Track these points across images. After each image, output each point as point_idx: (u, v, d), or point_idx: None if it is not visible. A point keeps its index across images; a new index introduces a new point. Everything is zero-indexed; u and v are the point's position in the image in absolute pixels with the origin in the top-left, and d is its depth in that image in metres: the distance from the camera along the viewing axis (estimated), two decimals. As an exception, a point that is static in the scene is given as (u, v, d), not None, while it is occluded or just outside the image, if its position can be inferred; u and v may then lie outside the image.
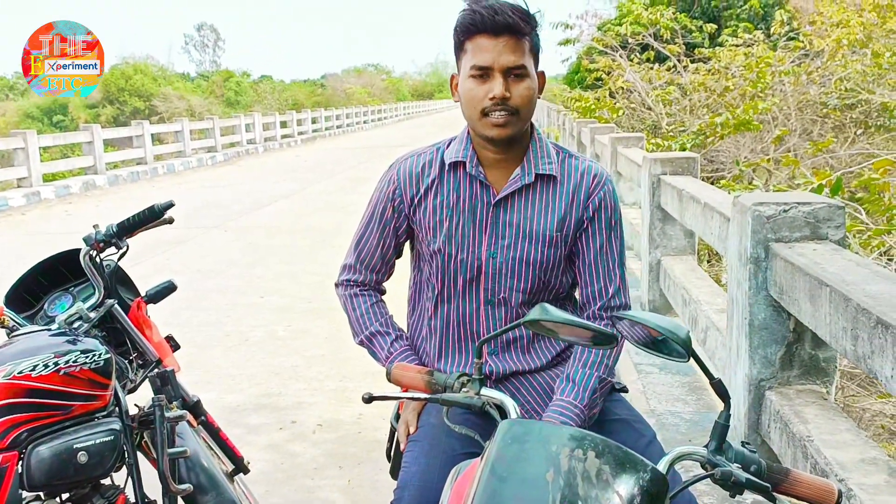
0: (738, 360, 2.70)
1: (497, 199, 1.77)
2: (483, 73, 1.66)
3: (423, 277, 1.90)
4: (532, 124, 1.80)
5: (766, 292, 2.55)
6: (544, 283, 1.81)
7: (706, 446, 1.25)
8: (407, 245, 1.95)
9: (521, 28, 1.65)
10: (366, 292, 1.93)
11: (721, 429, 1.25)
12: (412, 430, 1.76)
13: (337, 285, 1.97)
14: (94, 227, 2.17)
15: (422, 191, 1.82)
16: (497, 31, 1.64)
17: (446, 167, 1.80)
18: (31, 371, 1.79)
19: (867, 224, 4.46)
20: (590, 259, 1.80)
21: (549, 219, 1.77)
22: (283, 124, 28.55)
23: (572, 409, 1.70)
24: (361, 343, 1.91)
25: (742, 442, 1.28)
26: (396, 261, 1.96)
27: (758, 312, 2.56)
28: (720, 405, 1.27)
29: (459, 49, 1.72)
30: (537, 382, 1.85)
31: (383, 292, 1.98)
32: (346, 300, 1.94)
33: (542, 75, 1.75)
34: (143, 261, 7.66)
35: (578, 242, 1.80)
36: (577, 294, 1.91)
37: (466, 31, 1.67)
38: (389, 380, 1.58)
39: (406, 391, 1.58)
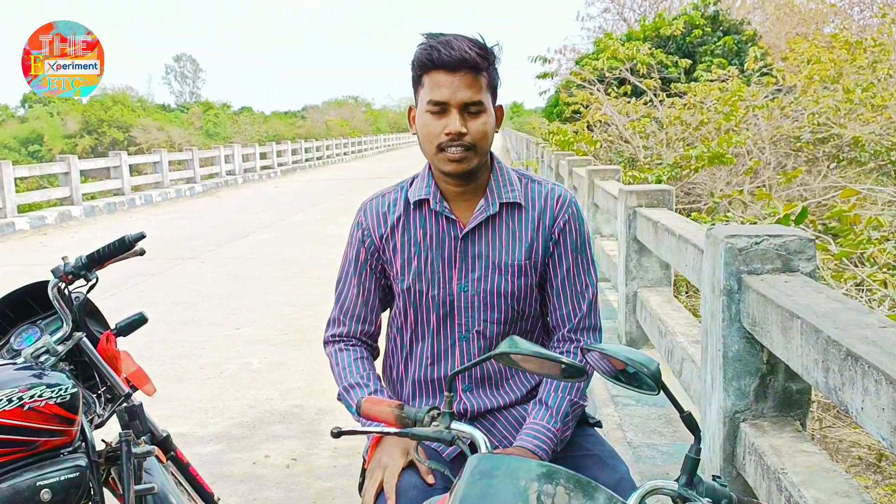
0: (713, 392, 2.70)
1: (464, 232, 1.77)
2: (440, 109, 1.67)
3: (397, 316, 1.88)
4: (492, 154, 1.81)
5: (739, 324, 2.56)
6: (518, 313, 1.80)
7: (677, 480, 1.24)
8: None
9: (477, 64, 1.65)
10: (351, 347, 1.87)
11: (692, 462, 1.24)
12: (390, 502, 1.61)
13: (325, 343, 1.91)
14: (62, 258, 2.15)
15: (388, 230, 1.81)
16: (454, 67, 1.64)
17: (411, 206, 1.80)
18: (-7, 406, 1.75)
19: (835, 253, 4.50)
20: (558, 283, 1.80)
21: (517, 247, 1.77)
22: (263, 156, 28.54)
23: (545, 432, 1.69)
24: (339, 397, 1.84)
25: (713, 476, 1.28)
26: (383, 314, 1.91)
27: (731, 344, 2.57)
28: (693, 438, 1.27)
29: (417, 83, 1.72)
30: (512, 417, 1.84)
31: (374, 350, 1.92)
32: (332, 356, 1.88)
33: (500, 110, 1.76)
34: (117, 292, 7.58)
35: (547, 267, 1.80)
36: (548, 318, 1.91)
37: (423, 66, 1.68)
38: (360, 413, 1.57)
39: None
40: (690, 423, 1.25)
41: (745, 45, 16.69)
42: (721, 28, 17.73)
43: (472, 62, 1.65)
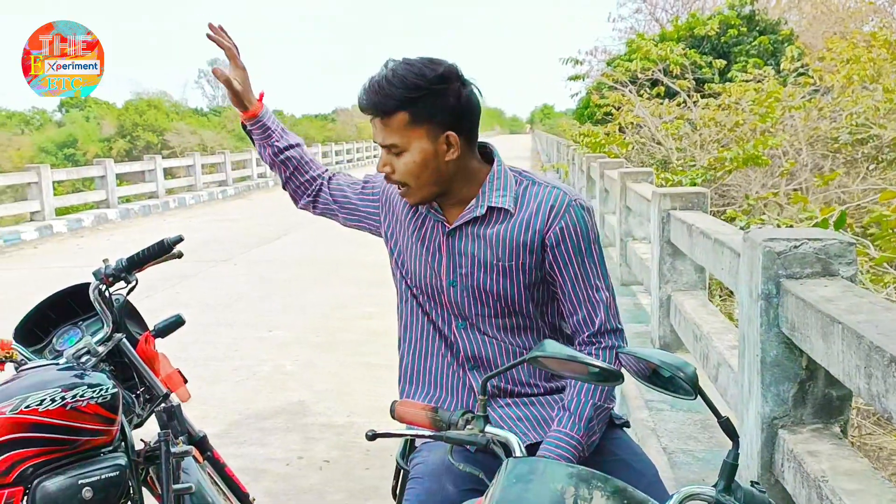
0: (751, 398, 2.66)
1: (448, 229, 1.80)
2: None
3: (402, 302, 1.94)
4: (494, 155, 1.82)
5: (777, 329, 2.52)
6: (509, 310, 1.81)
7: (715, 486, 1.23)
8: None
9: (383, 107, 1.66)
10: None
11: (729, 468, 1.23)
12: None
13: None
14: (103, 261, 2.19)
15: (397, 211, 1.92)
16: (371, 112, 1.70)
17: None
18: (38, 406, 1.79)
19: (875, 258, 4.41)
20: (568, 288, 1.78)
21: (501, 250, 1.77)
22: (295, 158, 28.73)
23: (569, 440, 1.68)
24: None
25: (752, 482, 1.26)
26: (316, 205, 2.13)
27: (769, 349, 2.53)
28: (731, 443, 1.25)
29: None
30: (538, 412, 1.82)
31: (319, 172, 2.11)
32: None
33: (452, 137, 1.70)
34: (152, 294, 7.68)
35: (552, 274, 1.79)
36: (565, 325, 1.89)
37: None
38: (394, 417, 1.57)
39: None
40: (729, 428, 1.23)
41: (782, 44, 16.43)
42: (757, 28, 17.48)
43: (378, 107, 1.67)
